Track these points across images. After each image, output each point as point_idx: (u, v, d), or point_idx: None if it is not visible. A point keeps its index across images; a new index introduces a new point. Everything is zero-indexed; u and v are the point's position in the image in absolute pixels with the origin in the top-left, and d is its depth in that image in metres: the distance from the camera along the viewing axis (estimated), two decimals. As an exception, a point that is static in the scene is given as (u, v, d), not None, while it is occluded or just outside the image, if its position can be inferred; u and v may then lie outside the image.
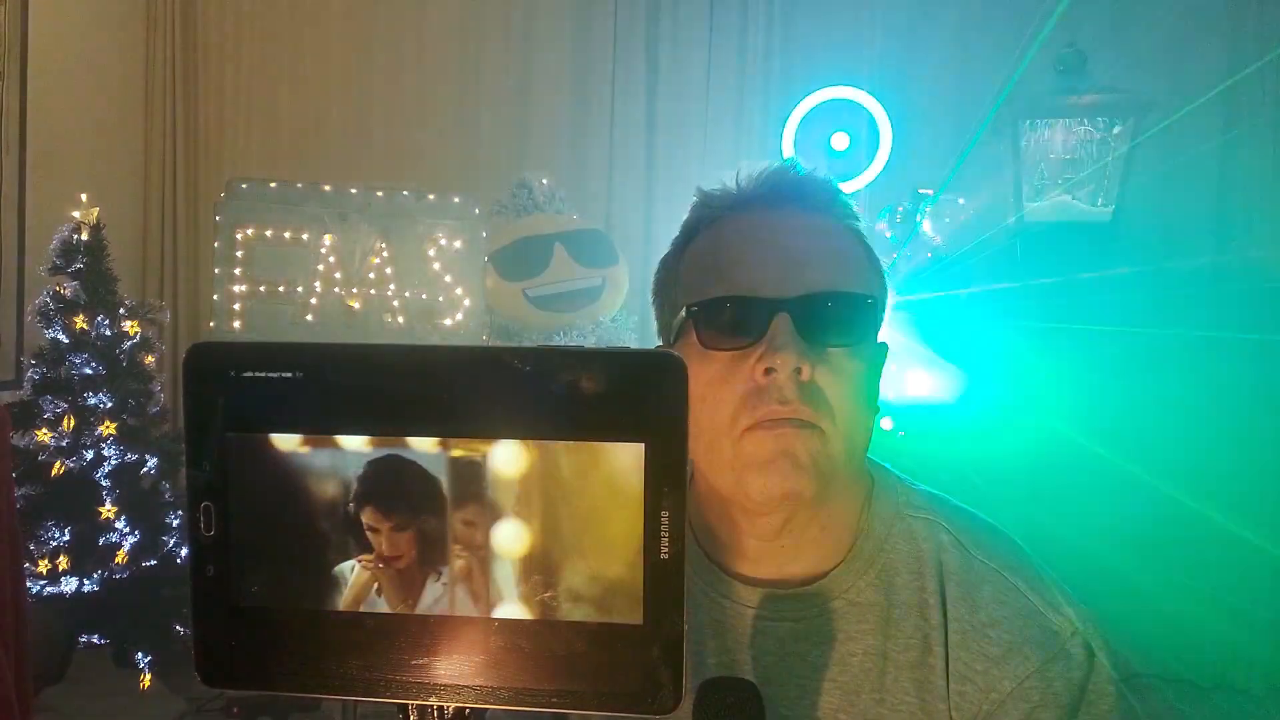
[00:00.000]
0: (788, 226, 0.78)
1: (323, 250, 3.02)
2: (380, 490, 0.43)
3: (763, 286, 0.74)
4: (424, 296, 3.09)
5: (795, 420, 0.72)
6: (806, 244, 0.77)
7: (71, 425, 3.07)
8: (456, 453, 0.43)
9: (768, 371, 0.72)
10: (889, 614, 0.79)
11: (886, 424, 2.95)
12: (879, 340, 0.81)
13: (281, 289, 3.00)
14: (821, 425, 0.73)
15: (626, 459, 0.42)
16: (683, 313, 0.78)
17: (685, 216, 0.85)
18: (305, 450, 0.43)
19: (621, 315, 3.33)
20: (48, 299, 3.15)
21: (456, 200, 3.17)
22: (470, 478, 0.42)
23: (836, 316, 0.74)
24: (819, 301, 0.73)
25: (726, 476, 0.76)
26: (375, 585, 0.43)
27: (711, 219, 0.82)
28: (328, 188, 3.10)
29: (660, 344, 0.85)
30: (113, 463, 3.13)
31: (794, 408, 0.72)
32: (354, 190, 3.12)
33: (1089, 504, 3.20)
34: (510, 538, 0.43)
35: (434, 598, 0.43)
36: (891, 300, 0.84)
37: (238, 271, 3.01)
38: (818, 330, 0.73)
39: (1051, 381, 3.18)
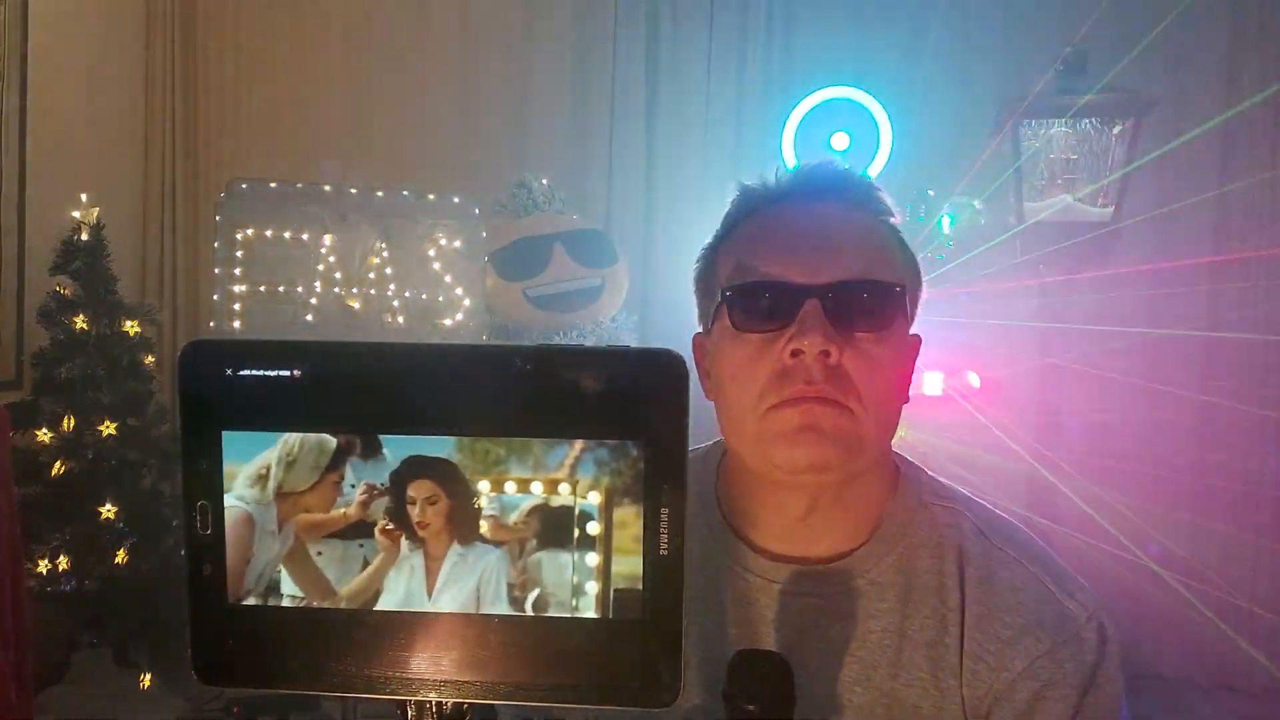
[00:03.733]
0: (823, 217, 0.82)
1: (323, 250, 3.01)
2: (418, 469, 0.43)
3: (795, 273, 0.77)
4: (424, 296, 3.09)
5: (821, 399, 0.75)
6: (840, 234, 0.80)
7: (71, 425, 3.07)
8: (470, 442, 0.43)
9: (795, 353, 0.75)
10: (908, 595, 0.81)
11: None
12: (912, 332, 0.83)
13: (281, 289, 3.00)
14: (849, 404, 0.75)
15: (626, 457, 0.42)
16: (718, 297, 0.81)
17: (726, 209, 0.89)
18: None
19: (621, 315, 3.32)
20: (48, 299, 3.15)
21: (456, 200, 3.17)
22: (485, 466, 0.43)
23: (865, 303, 0.77)
24: (848, 289, 0.76)
25: (751, 450, 0.79)
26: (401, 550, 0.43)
27: (750, 210, 0.85)
28: (328, 188, 3.10)
29: (700, 330, 0.89)
30: (113, 463, 3.13)
31: (820, 388, 0.74)
32: (354, 190, 3.12)
33: (1087, 503, 3.20)
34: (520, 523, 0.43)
35: (453, 568, 0.43)
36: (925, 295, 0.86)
37: (238, 271, 3.00)
38: (846, 316, 0.75)
39: (1050, 380, 3.18)
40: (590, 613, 0.43)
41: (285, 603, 0.43)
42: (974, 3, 3.81)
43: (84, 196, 3.22)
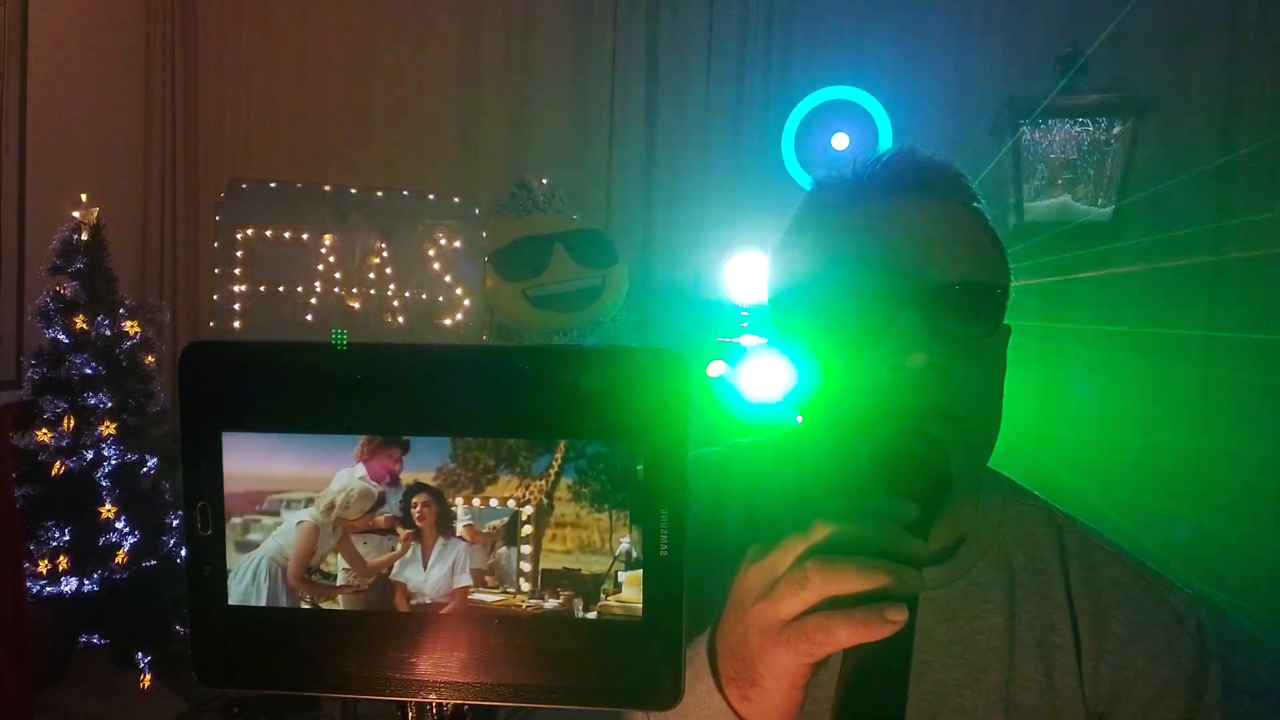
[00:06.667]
0: (911, 215, 0.75)
1: (323, 250, 3.02)
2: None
3: (888, 279, 0.71)
4: (424, 296, 3.09)
5: (928, 412, 0.70)
6: (932, 233, 0.74)
7: (71, 425, 3.07)
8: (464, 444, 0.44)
9: (895, 367, 0.70)
10: (1011, 594, 0.80)
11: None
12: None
13: (281, 289, 3.00)
14: (954, 416, 0.71)
15: (612, 459, 0.43)
16: (806, 307, 0.77)
17: (797, 206, 0.83)
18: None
19: (621, 315, 3.32)
20: (48, 299, 3.15)
21: (456, 200, 3.17)
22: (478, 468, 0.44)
23: (965, 308, 0.72)
24: (947, 293, 0.71)
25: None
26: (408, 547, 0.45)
27: (830, 207, 0.79)
28: (328, 188, 3.10)
29: (772, 337, 0.84)
30: (113, 463, 3.13)
31: (926, 401, 0.70)
32: (354, 190, 3.12)
33: (1087, 502, 3.20)
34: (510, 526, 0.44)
35: (439, 552, 0.45)
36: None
37: (238, 271, 3.00)
38: (947, 323, 0.71)
39: (1050, 381, 3.17)
40: (591, 613, 0.43)
41: (337, 579, 0.45)
42: (974, 2, 3.81)
43: (84, 196, 3.22)
